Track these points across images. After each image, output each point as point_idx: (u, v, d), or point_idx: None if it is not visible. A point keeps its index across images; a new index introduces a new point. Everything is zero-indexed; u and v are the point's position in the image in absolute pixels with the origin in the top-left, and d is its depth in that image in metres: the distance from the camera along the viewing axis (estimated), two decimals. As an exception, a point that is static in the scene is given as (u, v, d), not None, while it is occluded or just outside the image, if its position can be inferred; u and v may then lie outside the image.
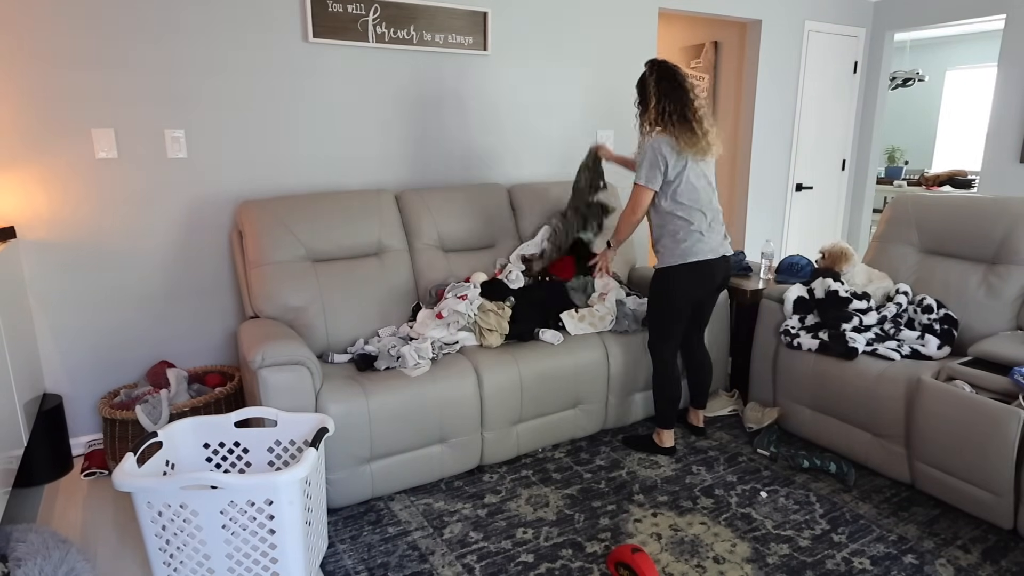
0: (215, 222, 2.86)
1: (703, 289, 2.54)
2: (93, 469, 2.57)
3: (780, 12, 4.41)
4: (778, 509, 2.32)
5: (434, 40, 3.17)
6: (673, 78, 2.42)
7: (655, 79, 2.44)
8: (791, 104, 4.66)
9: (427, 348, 2.49)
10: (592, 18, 3.67)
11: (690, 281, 2.50)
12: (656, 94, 2.42)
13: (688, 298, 2.53)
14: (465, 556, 2.06)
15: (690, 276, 2.49)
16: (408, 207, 3.00)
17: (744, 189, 4.67)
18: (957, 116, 7.51)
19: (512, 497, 2.40)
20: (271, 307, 2.56)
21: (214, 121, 2.77)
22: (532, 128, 3.60)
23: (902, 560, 2.03)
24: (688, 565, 2.01)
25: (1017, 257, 2.56)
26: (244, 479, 1.65)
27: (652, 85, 2.44)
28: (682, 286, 2.51)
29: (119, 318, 2.74)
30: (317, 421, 2.01)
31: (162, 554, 1.75)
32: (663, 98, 2.40)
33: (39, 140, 2.49)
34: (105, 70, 2.54)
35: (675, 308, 2.54)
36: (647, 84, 2.46)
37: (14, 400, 2.13)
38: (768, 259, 3.28)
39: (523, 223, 3.28)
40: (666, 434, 2.70)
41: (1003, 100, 4.17)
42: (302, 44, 2.89)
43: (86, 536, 2.19)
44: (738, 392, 3.18)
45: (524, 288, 2.87)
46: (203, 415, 2.31)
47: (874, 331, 2.66)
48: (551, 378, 2.61)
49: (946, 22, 4.54)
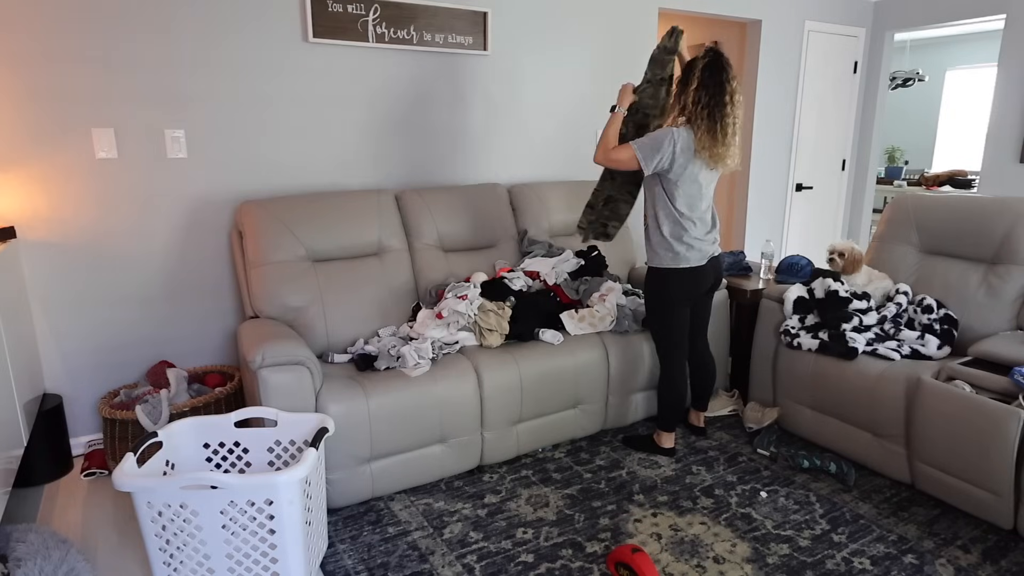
0: (215, 222, 2.86)
1: (697, 290, 2.54)
2: (93, 469, 2.57)
3: (780, 12, 4.41)
4: (778, 509, 2.32)
5: (434, 40, 3.17)
6: (721, 73, 2.29)
7: (704, 65, 2.30)
8: (791, 104, 4.66)
9: (427, 348, 2.49)
10: (592, 18, 3.67)
11: (681, 284, 2.50)
12: (699, 79, 2.29)
13: (682, 298, 2.53)
14: (465, 556, 2.06)
15: (681, 279, 2.49)
16: (408, 207, 3.00)
17: (744, 189, 4.67)
18: (957, 116, 7.51)
19: (512, 497, 2.40)
20: (271, 307, 2.56)
21: (214, 121, 2.77)
22: (532, 128, 3.60)
23: (902, 560, 2.03)
24: (688, 565, 2.01)
25: (1017, 257, 2.56)
26: (244, 479, 1.65)
27: (699, 70, 2.30)
28: (673, 288, 2.51)
29: (119, 318, 2.74)
30: (317, 421, 2.01)
31: (162, 554, 1.75)
32: (702, 88, 2.29)
33: (39, 140, 2.49)
34: (105, 70, 2.54)
35: (671, 309, 2.54)
36: (695, 67, 2.32)
37: (14, 400, 2.13)
38: (768, 259, 3.28)
39: (523, 223, 3.28)
40: (666, 436, 2.70)
41: (1003, 100, 4.17)
42: (302, 44, 2.89)
43: (86, 536, 2.19)
44: (738, 392, 3.18)
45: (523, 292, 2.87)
46: (203, 415, 2.31)
47: (874, 331, 2.66)
48: (551, 378, 2.61)
49: (946, 22, 4.54)
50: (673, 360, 2.61)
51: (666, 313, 2.55)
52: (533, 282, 2.96)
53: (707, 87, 2.28)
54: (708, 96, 2.28)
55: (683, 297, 2.52)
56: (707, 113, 2.28)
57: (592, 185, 3.53)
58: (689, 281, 2.49)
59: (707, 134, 2.30)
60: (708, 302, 2.70)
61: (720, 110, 2.28)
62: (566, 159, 3.75)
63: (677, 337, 2.58)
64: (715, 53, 2.32)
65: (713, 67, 2.29)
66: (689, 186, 2.39)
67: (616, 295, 2.92)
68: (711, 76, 2.29)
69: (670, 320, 2.55)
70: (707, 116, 2.28)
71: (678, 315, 2.55)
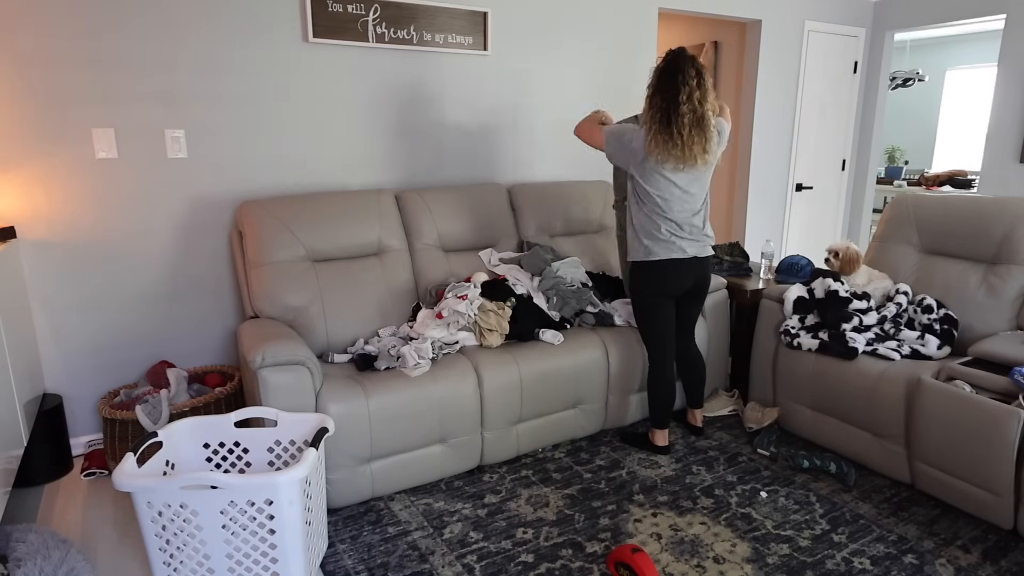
0: (215, 222, 2.86)
1: (674, 286, 2.53)
2: (93, 469, 2.57)
3: (780, 12, 4.42)
4: (778, 509, 2.32)
5: (434, 40, 3.17)
6: (676, 75, 2.28)
7: (659, 69, 2.34)
8: (791, 104, 4.66)
9: (427, 348, 2.49)
10: (592, 18, 3.67)
11: (650, 277, 2.51)
12: (655, 85, 2.34)
13: (660, 291, 2.53)
14: (465, 556, 2.06)
15: (649, 273, 2.50)
16: (408, 207, 3.00)
17: (744, 189, 4.67)
18: (957, 116, 7.51)
19: (512, 497, 2.40)
20: (271, 307, 2.56)
21: (214, 121, 2.77)
22: (532, 128, 3.60)
23: (902, 560, 2.03)
24: (688, 565, 2.01)
25: (1017, 257, 2.56)
26: (244, 479, 1.65)
27: (654, 76, 2.36)
28: (644, 281, 2.52)
29: (119, 318, 2.74)
30: (317, 421, 2.01)
31: (162, 554, 1.75)
32: (657, 93, 2.32)
33: (39, 140, 2.49)
34: (105, 70, 2.54)
35: (647, 302, 2.56)
36: (653, 73, 2.37)
37: (14, 400, 2.13)
38: (768, 259, 3.28)
39: (523, 223, 3.28)
40: (659, 434, 2.71)
41: (1003, 100, 4.17)
42: (302, 44, 2.89)
43: (86, 536, 2.19)
44: (738, 392, 3.18)
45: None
46: (203, 415, 2.30)
47: (874, 331, 2.66)
48: (551, 378, 2.61)
49: (946, 22, 4.54)
50: (656, 355, 2.63)
51: (643, 306, 2.58)
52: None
53: (661, 91, 2.31)
54: (661, 98, 2.30)
55: (656, 291, 2.53)
56: (659, 116, 2.30)
57: (592, 185, 3.54)
58: (658, 276, 2.50)
59: (658, 136, 2.31)
60: (695, 304, 2.68)
61: (676, 110, 2.27)
62: (566, 159, 3.75)
63: (658, 332, 2.60)
64: (673, 55, 2.33)
65: (666, 70, 2.31)
66: (658, 183, 2.40)
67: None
68: (664, 79, 2.31)
69: (648, 314, 2.58)
70: (659, 119, 2.30)
71: (657, 310, 2.56)
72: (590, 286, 3.03)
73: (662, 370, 2.63)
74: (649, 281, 2.52)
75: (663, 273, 2.49)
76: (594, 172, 3.87)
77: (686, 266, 2.50)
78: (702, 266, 2.56)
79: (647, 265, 2.50)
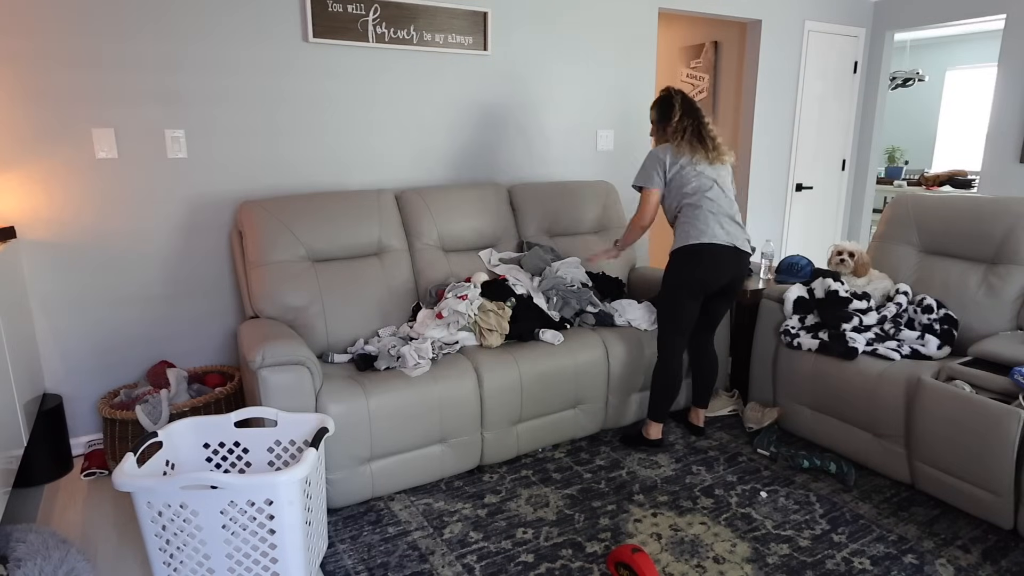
0: (215, 222, 2.86)
1: (712, 276, 2.54)
2: (93, 469, 2.57)
3: (780, 12, 4.42)
4: (778, 509, 2.32)
5: (434, 40, 3.17)
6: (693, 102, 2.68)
7: (680, 99, 2.66)
8: (791, 104, 4.66)
9: (427, 348, 2.49)
10: (592, 18, 3.67)
11: (697, 263, 2.53)
12: (680, 111, 2.63)
13: (695, 281, 2.54)
14: (465, 556, 2.06)
15: (696, 258, 2.52)
16: (408, 207, 3.00)
17: (744, 189, 4.67)
18: (957, 116, 7.51)
19: (512, 497, 2.40)
20: (271, 307, 2.56)
21: (214, 121, 2.77)
22: (532, 128, 3.60)
23: (902, 560, 2.03)
24: (688, 565, 2.01)
25: (1017, 257, 2.56)
26: (244, 479, 1.65)
27: (678, 103, 2.64)
28: (689, 267, 2.54)
29: (119, 318, 2.74)
30: (317, 421, 2.01)
31: (162, 554, 1.75)
32: (685, 116, 2.62)
33: (39, 140, 2.49)
34: (105, 70, 2.54)
35: (679, 292, 2.57)
36: (672, 100, 2.65)
37: (14, 400, 2.13)
38: (768, 259, 3.28)
39: (523, 223, 3.28)
40: (654, 427, 2.71)
41: (1003, 100, 4.17)
42: (302, 44, 2.89)
43: (86, 536, 2.19)
44: (738, 392, 3.18)
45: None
46: (203, 415, 2.31)
47: (874, 331, 2.66)
48: (551, 378, 2.61)
49: (946, 22, 4.54)
50: (669, 347, 2.64)
51: (673, 298, 2.59)
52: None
53: (688, 114, 2.63)
54: (689, 118, 2.63)
55: (691, 281, 2.54)
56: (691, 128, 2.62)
57: (592, 185, 3.54)
58: (699, 261, 2.52)
59: (691, 140, 2.60)
60: (725, 302, 2.72)
61: (704, 129, 2.63)
62: (566, 159, 3.75)
63: (678, 328, 2.61)
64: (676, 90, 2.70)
65: (685, 99, 2.67)
66: (697, 177, 2.57)
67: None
68: (687, 104, 2.65)
69: (675, 307, 2.59)
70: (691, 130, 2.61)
71: (685, 305, 2.57)
72: (590, 286, 3.03)
73: (671, 365, 2.65)
74: (688, 266, 2.55)
75: (704, 259, 2.52)
76: (594, 172, 3.88)
77: (727, 255, 2.53)
78: (740, 261, 2.59)
79: (689, 250, 2.54)
